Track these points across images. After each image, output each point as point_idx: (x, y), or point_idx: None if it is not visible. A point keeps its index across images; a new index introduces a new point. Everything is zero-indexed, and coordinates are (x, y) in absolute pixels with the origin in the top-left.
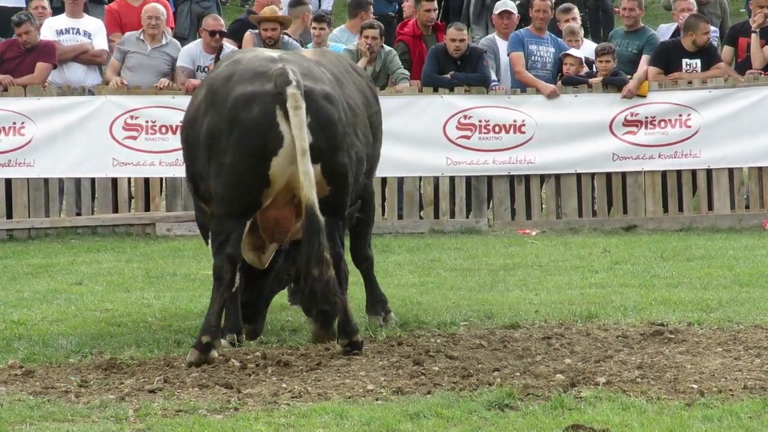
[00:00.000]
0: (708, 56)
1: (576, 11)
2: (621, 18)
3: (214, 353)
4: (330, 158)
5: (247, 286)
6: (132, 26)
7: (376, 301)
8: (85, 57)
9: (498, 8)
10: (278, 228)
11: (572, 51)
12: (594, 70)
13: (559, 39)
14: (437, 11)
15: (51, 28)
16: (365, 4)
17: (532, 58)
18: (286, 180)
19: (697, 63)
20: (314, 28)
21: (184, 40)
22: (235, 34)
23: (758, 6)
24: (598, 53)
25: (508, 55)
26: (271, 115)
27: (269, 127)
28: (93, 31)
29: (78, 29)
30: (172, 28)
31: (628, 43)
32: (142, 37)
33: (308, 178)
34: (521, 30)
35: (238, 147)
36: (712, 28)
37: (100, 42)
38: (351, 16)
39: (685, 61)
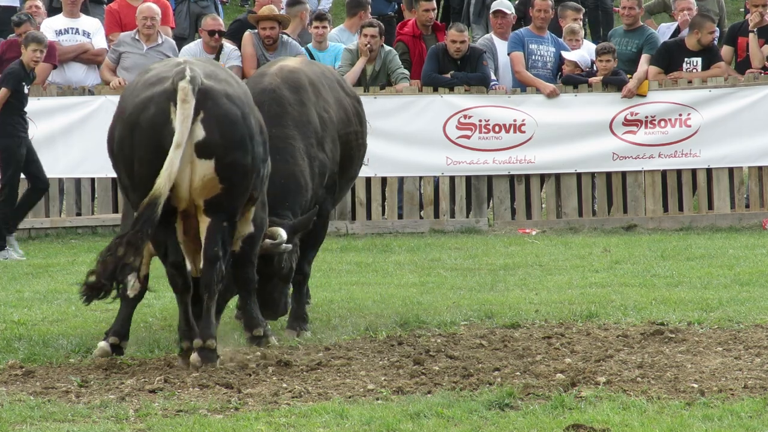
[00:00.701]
0: (709, 55)
1: (582, 12)
2: (620, 17)
3: (194, 356)
4: (226, 155)
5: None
6: (132, 26)
7: (296, 318)
8: (86, 57)
9: (493, 8)
10: (194, 235)
11: (566, 54)
12: (594, 69)
13: (559, 39)
14: (436, 11)
15: (50, 29)
16: (364, 4)
17: (533, 57)
18: (186, 178)
19: (697, 62)
20: (316, 27)
21: (183, 40)
22: (235, 35)
23: (753, 5)
24: (599, 53)
25: (508, 54)
26: (165, 112)
27: (164, 125)
28: (92, 30)
29: (77, 29)
30: (172, 28)
31: (627, 42)
32: (137, 36)
33: (170, 170)
34: (521, 29)
35: (139, 150)
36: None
37: (99, 41)
38: (349, 16)
39: (686, 60)
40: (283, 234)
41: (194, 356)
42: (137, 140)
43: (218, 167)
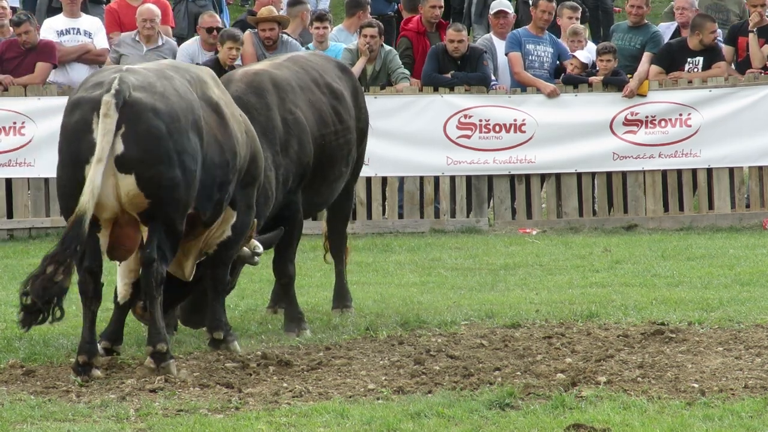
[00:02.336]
0: (711, 55)
1: (580, 11)
2: (627, 15)
3: (96, 372)
4: (145, 170)
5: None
6: (132, 26)
7: (292, 319)
8: (88, 57)
9: (494, 8)
10: (118, 245)
11: (578, 54)
12: (595, 69)
13: (558, 39)
14: (443, 9)
15: (51, 29)
16: (362, 4)
17: (530, 57)
18: (110, 191)
19: (699, 61)
20: (316, 27)
21: (182, 39)
22: None
23: (752, 5)
24: (600, 52)
25: (506, 54)
26: (87, 122)
27: (84, 134)
28: (93, 30)
29: (78, 29)
30: (172, 27)
31: (630, 38)
32: (137, 38)
33: (92, 186)
34: (519, 30)
35: (61, 154)
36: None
37: (101, 41)
38: (348, 16)
39: (688, 60)
40: (260, 247)
41: (148, 360)
42: (60, 143)
43: (140, 182)
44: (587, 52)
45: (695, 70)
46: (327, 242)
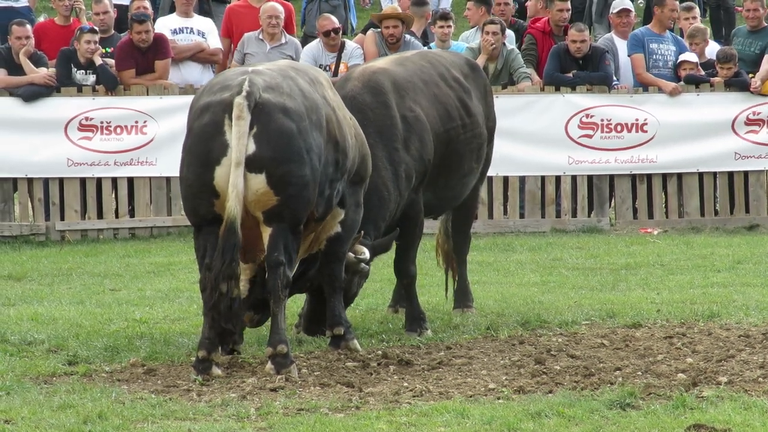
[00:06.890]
0: None
1: (697, 10)
2: (744, 19)
3: (217, 370)
4: (276, 168)
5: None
6: (251, 27)
7: (414, 319)
8: (202, 56)
9: (616, 7)
10: (249, 248)
11: (688, 56)
12: (714, 71)
13: (679, 37)
14: (570, 12)
15: (165, 28)
16: (489, 3)
17: (653, 56)
18: None
19: None
20: (440, 26)
21: (314, 38)
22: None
23: None
24: (720, 60)
25: (628, 56)
26: (219, 123)
27: (215, 136)
28: (206, 30)
29: (191, 29)
30: (294, 34)
31: (750, 43)
32: (261, 36)
33: (236, 191)
34: (641, 29)
35: (188, 156)
36: None
37: (213, 41)
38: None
39: None
40: (367, 253)
41: (268, 365)
42: (188, 145)
43: (270, 180)
44: (694, 54)
45: None
46: (443, 245)
